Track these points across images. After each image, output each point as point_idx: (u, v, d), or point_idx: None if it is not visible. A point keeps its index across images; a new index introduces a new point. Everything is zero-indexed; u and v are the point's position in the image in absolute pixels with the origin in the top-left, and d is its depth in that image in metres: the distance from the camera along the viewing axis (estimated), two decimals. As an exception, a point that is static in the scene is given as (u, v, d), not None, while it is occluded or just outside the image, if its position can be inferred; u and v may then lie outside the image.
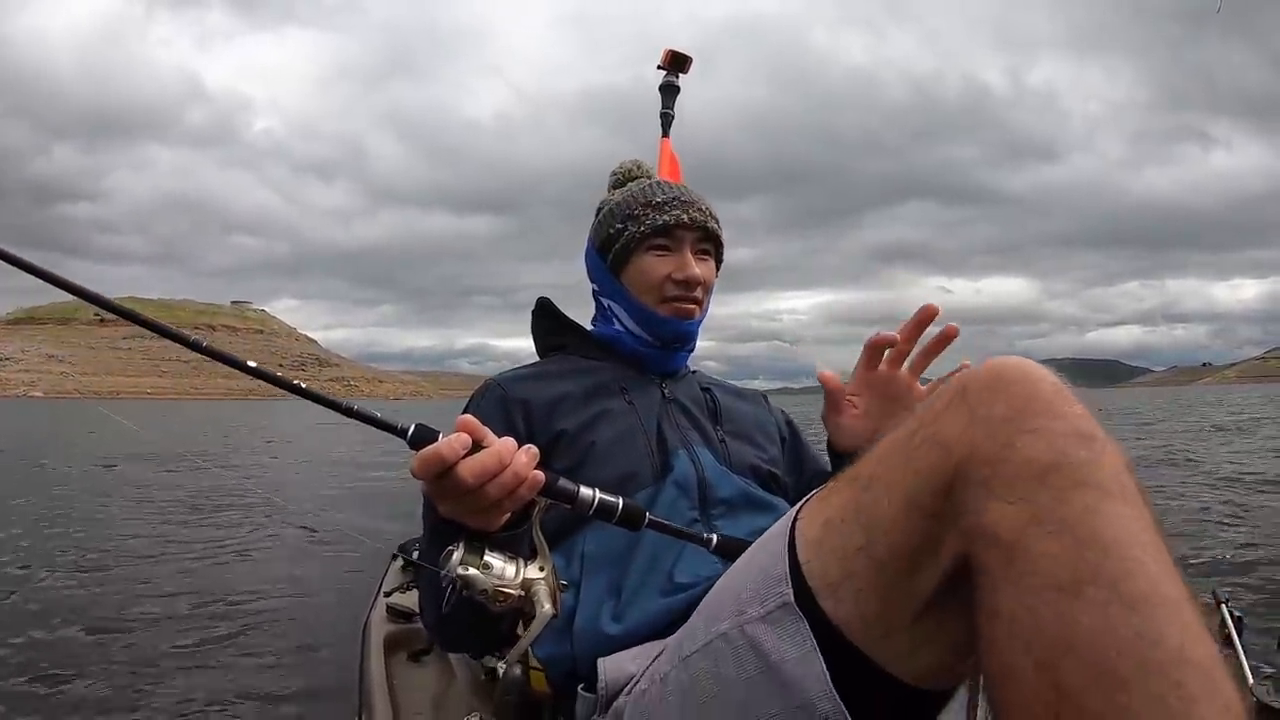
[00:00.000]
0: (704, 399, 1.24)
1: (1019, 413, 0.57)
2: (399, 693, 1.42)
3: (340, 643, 1.99)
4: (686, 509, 1.06)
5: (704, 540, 0.91)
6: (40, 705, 2.15)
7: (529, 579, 0.78)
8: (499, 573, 0.77)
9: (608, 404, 1.15)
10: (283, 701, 2.19)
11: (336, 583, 3.29)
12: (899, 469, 0.62)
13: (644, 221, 1.18)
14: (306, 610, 3.04)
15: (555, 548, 1.02)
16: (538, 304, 1.33)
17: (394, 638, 1.62)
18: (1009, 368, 0.60)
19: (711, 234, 1.21)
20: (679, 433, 1.15)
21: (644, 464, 1.09)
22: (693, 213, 1.19)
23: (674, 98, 2.07)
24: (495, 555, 0.77)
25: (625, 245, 1.20)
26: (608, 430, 1.11)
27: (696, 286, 1.18)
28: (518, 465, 0.75)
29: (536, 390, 1.15)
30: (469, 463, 0.72)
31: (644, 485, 1.07)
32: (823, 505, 0.70)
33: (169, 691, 2.22)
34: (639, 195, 1.21)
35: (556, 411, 1.13)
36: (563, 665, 0.95)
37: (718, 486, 1.09)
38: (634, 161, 1.34)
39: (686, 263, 1.18)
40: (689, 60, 2.05)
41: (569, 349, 1.28)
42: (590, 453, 1.08)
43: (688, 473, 1.09)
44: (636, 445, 1.11)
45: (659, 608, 0.94)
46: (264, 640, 2.66)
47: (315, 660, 2.40)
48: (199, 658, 2.51)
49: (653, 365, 1.23)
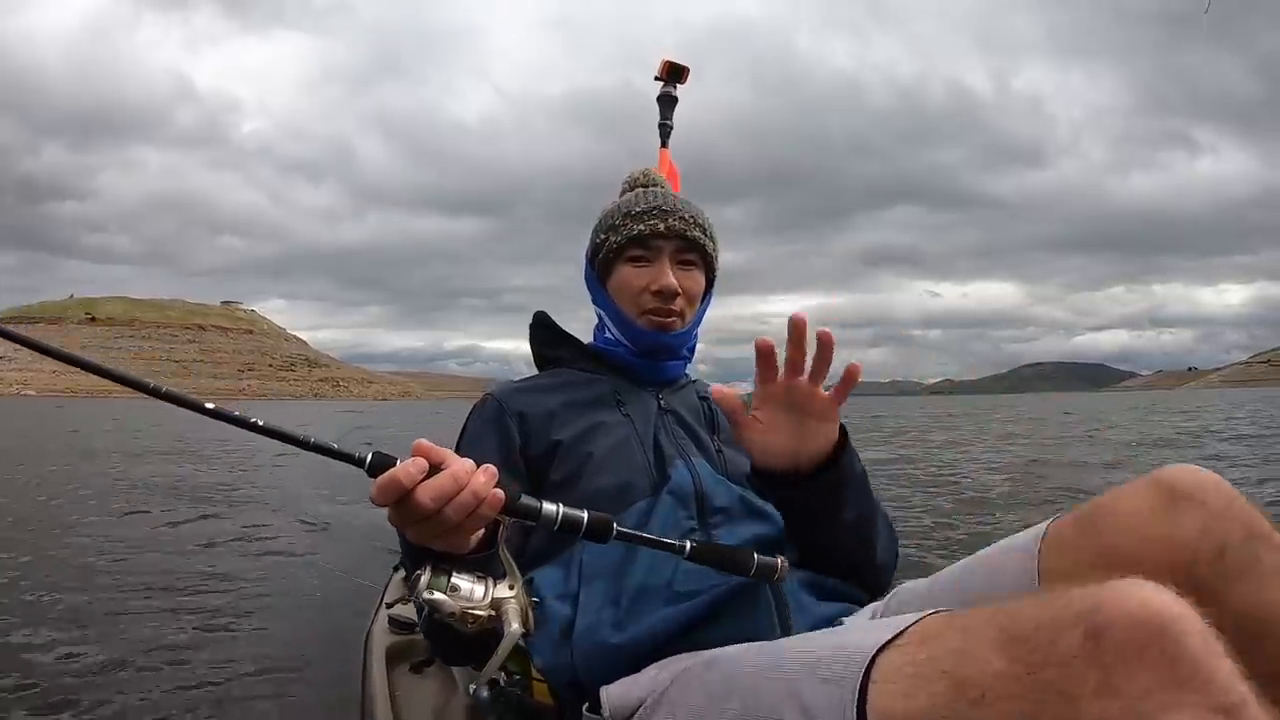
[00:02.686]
0: (701, 408, 1.24)
1: (1161, 685, 0.52)
2: (401, 704, 1.43)
3: (342, 654, 1.99)
4: (684, 519, 1.05)
5: (678, 549, 0.89)
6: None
7: (498, 598, 0.78)
8: (466, 594, 0.77)
9: (604, 416, 1.16)
10: (284, 713, 2.18)
11: (338, 594, 3.28)
12: (1012, 700, 0.56)
13: (622, 232, 1.19)
14: (307, 621, 3.01)
15: (553, 560, 1.04)
16: (535, 318, 1.34)
17: (396, 649, 1.62)
18: (1154, 608, 0.54)
19: (694, 243, 1.20)
20: (675, 443, 1.15)
21: (641, 475, 1.10)
22: (671, 221, 1.18)
23: (672, 108, 2.07)
24: (463, 577, 0.78)
25: (606, 256, 1.21)
26: (604, 442, 1.12)
27: (674, 298, 1.18)
28: (475, 485, 0.74)
29: (533, 402, 1.16)
30: (426, 486, 0.72)
31: (641, 496, 1.08)
32: (911, 682, 0.62)
33: (168, 705, 2.20)
34: (622, 205, 1.22)
35: (553, 423, 1.14)
36: (563, 675, 0.95)
37: (715, 496, 1.08)
38: (643, 170, 1.34)
39: (662, 273, 1.18)
40: (686, 71, 2.05)
41: (565, 361, 1.28)
42: (587, 464, 1.09)
43: (685, 483, 1.09)
44: (633, 456, 1.12)
45: (661, 617, 0.94)
46: (264, 652, 2.64)
47: (317, 671, 2.38)
48: (197, 668, 2.49)
49: (645, 376, 1.23)
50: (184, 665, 2.53)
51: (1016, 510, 5.57)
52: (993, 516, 5.34)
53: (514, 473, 1.10)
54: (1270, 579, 0.73)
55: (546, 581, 1.01)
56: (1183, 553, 0.75)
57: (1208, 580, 0.72)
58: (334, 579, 3.54)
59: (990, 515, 5.41)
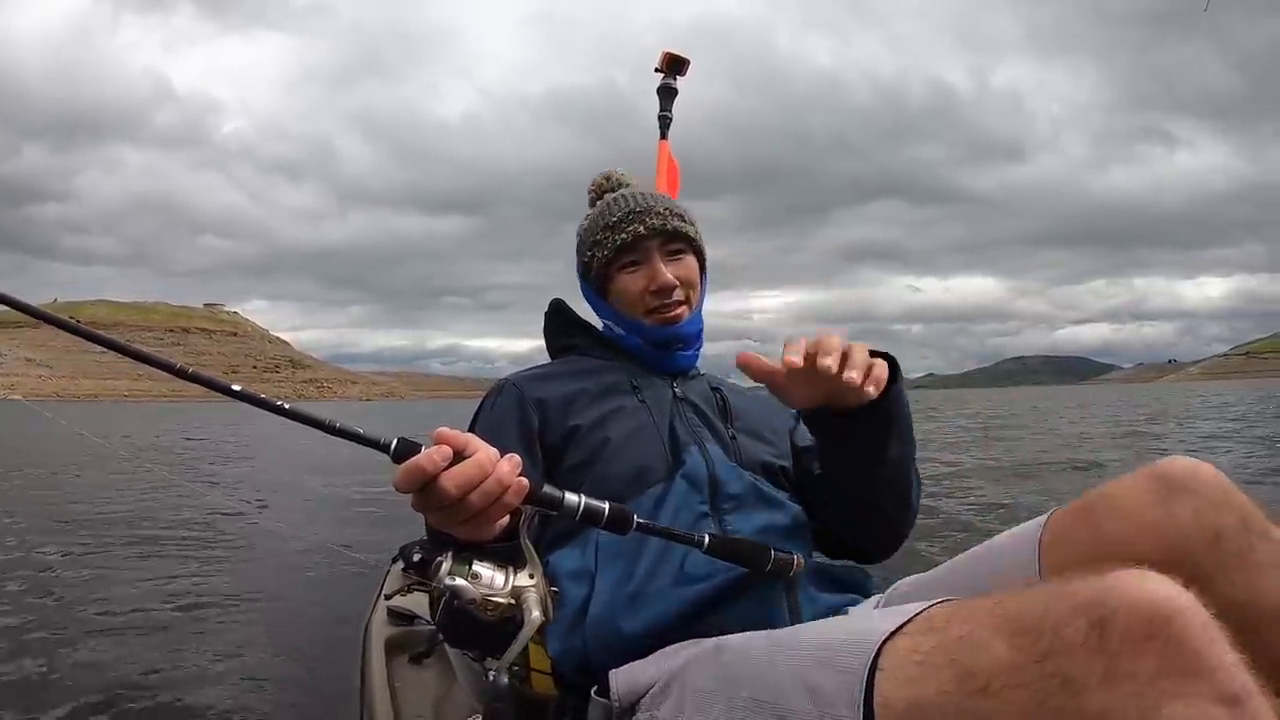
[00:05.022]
0: (714, 398, 1.25)
1: (1165, 674, 0.52)
2: (400, 695, 1.42)
3: (341, 645, 1.99)
4: (698, 504, 1.07)
5: (696, 541, 0.91)
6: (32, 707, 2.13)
7: (518, 587, 0.78)
8: (487, 582, 0.77)
9: (621, 401, 1.17)
10: (284, 705, 2.18)
11: (336, 586, 3.27)
12: (1018, 689, 0.57)
13: (606, 245, 1.22)
14: (305, 613, 3.02)
15: (571, 541, 1.04)
16: (551, 306, 1.36)
17: (395, 640, 1.62)
18: (1159, 599, 0.55)
19: (678, 233, 1.22)
20: (690, 430, 1.16)
21: (657, 460, 1.11)
22: (650, 220, 1.20)
23: (672, 100, 2.06)
24: (484, 564, 0.78)
25: (600, 271, 1.24)
26: (621, 426, 1.13)
27: (674, 290, 1.20)
28: (500, 473, 0.74)
29: (551, 389, 1.17)
30: (451, 473, 0.72)
31: (657, 480, 1.09)
32: (918, 670, 0.63)
33: (167, 696, 2.20)
34: (598, 219, 1.24)
35: (571, 409, 1.15)
36: (574, 658, 0.95)
37: (728, 482, 1.10)
38: (603, 175, 1.35)
39: (657, 272, 1.20)
40: (687, 63, 2.04)
41: (580, 349, 1.30)
42: (604, 449, 1.10)
43: (699, 468, 1.10)
44: (649, 441, 1.13)
45: (672, 600, 0.96)
46: (263, 643, 2.64)
47: (316, 663, 2.38)
48: (196, 661, 2.49)
49: (660, 366, 1.25)
50: (181, 656, 2.53)
51: (1008, 505, 5.61)
52: (986, 512, 5.37)
53: (533, 459, 1.10)
54: (1265, 569, 0.73)
55: (564, 562, 1.02)
56: (1178, 541, 0.75)
57: (1203, 569, 0.72)
58: (332, 571, 3.53)
59: (983, 510, 5.44)
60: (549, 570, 0.99)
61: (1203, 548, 0.74)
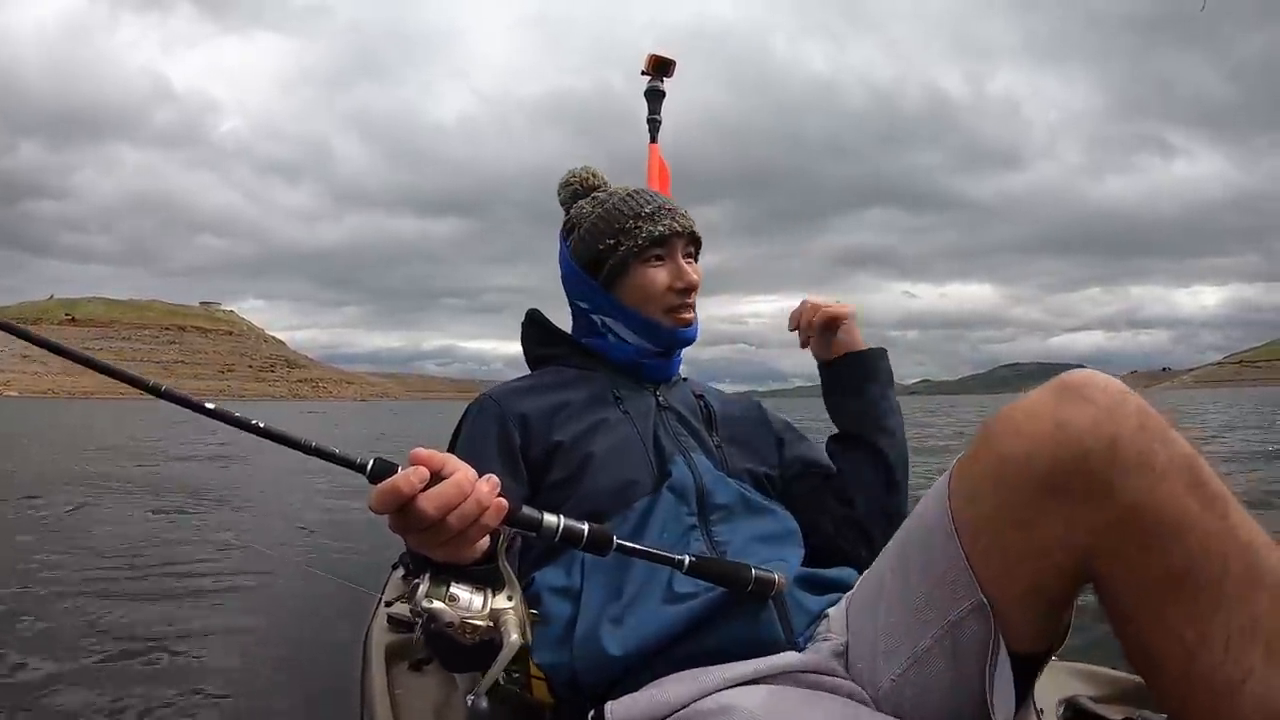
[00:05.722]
0: (698, 405, 1.25)
1: None
2: (401, 702, 1.42)
3: (341, 653, 1.99)
4: (685, 515, 1.06)
5: (676, 563, 0.90)
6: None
7: (497, 610, 0.77)
8: (465, 604, 0.76)
9: (604, 413, 1.15)
10: (284, 712, 2.18)
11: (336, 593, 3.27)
12: None
13: (639, 235, 1.19)
14: (305, 620, 3.00)
15: (557, 558, 1.03)
16: (527, 316, 1.34)
17: (395, 647, 1.62)
18: None
19: (697, 237, 1.23)
20: (675, 440, 1.15)
21: (642, 473, 1.10)
22: (680, 219, 1.21)
23: (660, 103, 2.04)
24: (462, 587, 0.77)
25: (622, 259, 1.20)
26: (604, 441, 1.12)
27: (695, 291, 1.21)
28: (479, 494, 0.73)
29: (532, 403, 1.15)
30: (429, 495, 0.71)
31: (643, 494, 1.08)
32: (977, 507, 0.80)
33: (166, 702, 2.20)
34: (626, 208, 1.22)
35: (553, 423, 1.13)
36: (562, 675, 0.94)
37: (715, 492, 1.09)
38: (587, 170, 1.33)
39: (684, 270, 1.20)
40: (673, 64, 2.02)
41: (559, 359, 1.28)
42: (588, 464, 1.09)
43: (685, 479, 1.09)
44: (634, 454, 1.12)
45: (659, 618, 0.94)
46: (263, 650, 2.64)
47: (316, 670, 2.38)
48: (195, 667, 2.49)
49: (650, 373, 1.24)
50: (182, 663, 2.53)
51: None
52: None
53: (516, 477, 1.10)
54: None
55: (549, 579, 1.01)
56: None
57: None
58: (332, 577, 3.52)
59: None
60: (535, 587, 1.00)
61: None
